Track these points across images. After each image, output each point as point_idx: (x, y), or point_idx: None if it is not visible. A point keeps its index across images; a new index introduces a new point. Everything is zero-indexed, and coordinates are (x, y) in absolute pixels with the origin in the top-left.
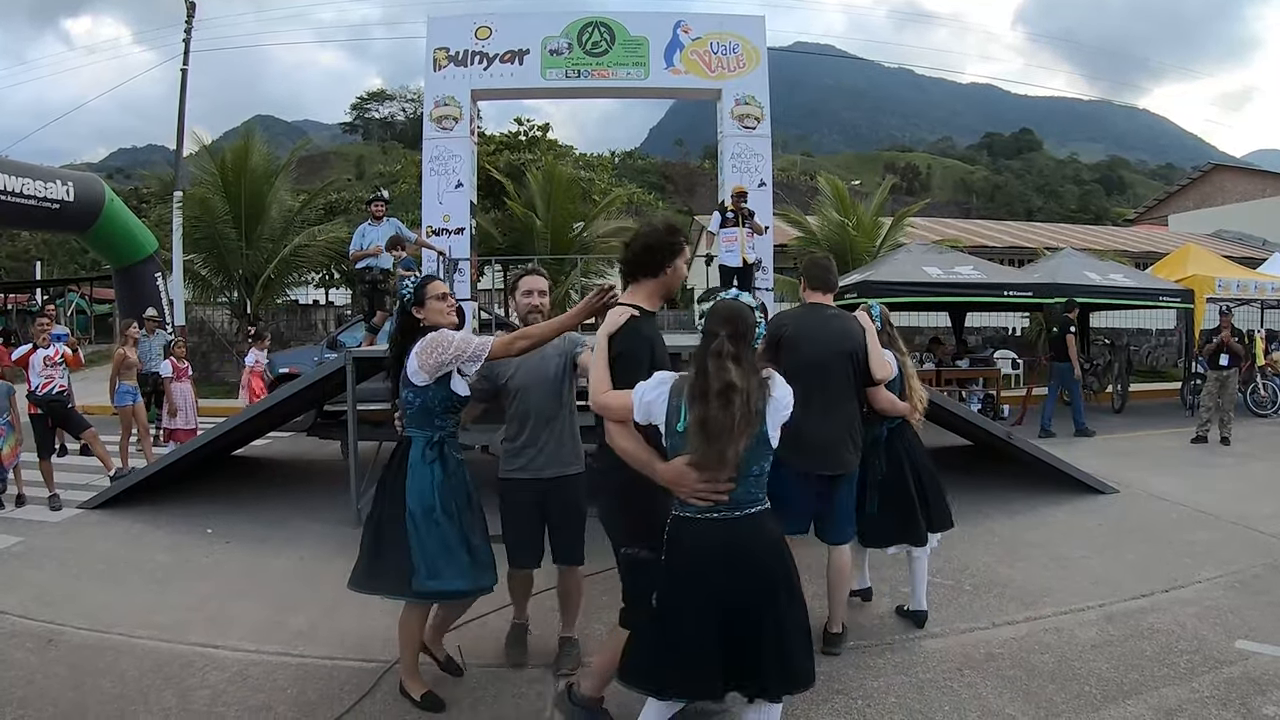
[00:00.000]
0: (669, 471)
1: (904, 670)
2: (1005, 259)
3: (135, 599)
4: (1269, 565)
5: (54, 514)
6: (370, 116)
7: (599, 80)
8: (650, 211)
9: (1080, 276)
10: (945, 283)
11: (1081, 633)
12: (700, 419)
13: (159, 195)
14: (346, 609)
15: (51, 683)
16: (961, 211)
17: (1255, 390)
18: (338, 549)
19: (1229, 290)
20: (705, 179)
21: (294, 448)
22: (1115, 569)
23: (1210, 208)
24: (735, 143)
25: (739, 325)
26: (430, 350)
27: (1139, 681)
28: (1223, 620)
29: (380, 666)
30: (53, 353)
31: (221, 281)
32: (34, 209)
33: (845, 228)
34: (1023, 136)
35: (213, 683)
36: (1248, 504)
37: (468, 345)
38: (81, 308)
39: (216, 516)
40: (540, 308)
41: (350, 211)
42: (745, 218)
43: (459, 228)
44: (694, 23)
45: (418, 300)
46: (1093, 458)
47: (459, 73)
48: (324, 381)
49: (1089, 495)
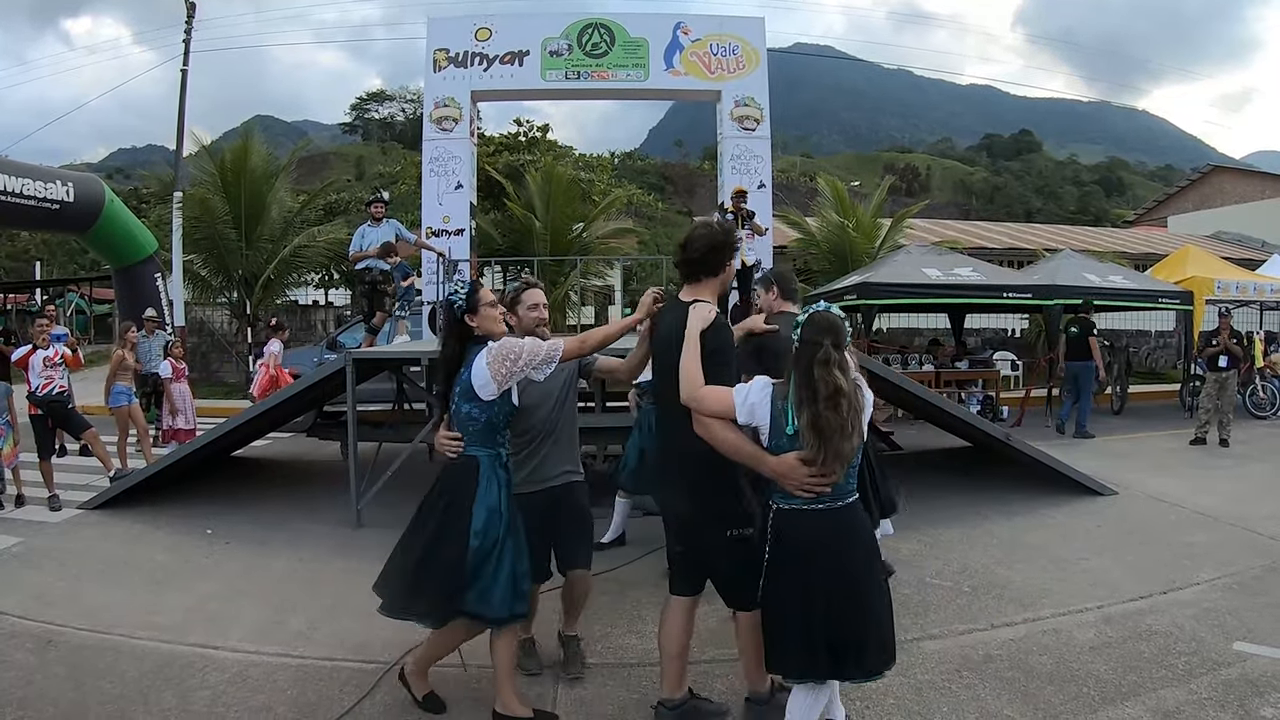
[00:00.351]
0: (781, 465)
1: (902, 672)
2: (1004, 260)
3: (135, 599)
4: (1267, 567)
5: (54, 514)
6: (370, 117)
7: (599, 81)
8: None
9: (1079, 278)
10: (944, 284)
11: (1080, 634)
12: (812, 421)
13: (159, 195)
14: (346, 610)
15: (51, 683)
16: (961, 213)
17: (1254, 392)
18: (337, 550)
19: (1228, 292)
20: (705, 180)
21: (294, 448)
22: (1114, 570)
23: (1209, 209)
24: (735, 144)
25: (839, 335)
26: (502, 359)
27: (1137, 683)
28: (1221, 622)
29: (380, 668)
30: (52, 353)
31: (221, 282)
32: (34, 209)
33: (845, 229)
34: (1022, 138)
35: (213, 683)
36: (1246, 505)
37: (538, 350)
38: (81, 308)
39: (216, 517)
40: (545, 320)
41: (350, 212)
42: (745, 218)
43: (459, 229)
44: (694, 24)
45: (471, 308)
46: (1091, 459)
47: (459, 74)
48: (324, 382)
49: (1088, 497)
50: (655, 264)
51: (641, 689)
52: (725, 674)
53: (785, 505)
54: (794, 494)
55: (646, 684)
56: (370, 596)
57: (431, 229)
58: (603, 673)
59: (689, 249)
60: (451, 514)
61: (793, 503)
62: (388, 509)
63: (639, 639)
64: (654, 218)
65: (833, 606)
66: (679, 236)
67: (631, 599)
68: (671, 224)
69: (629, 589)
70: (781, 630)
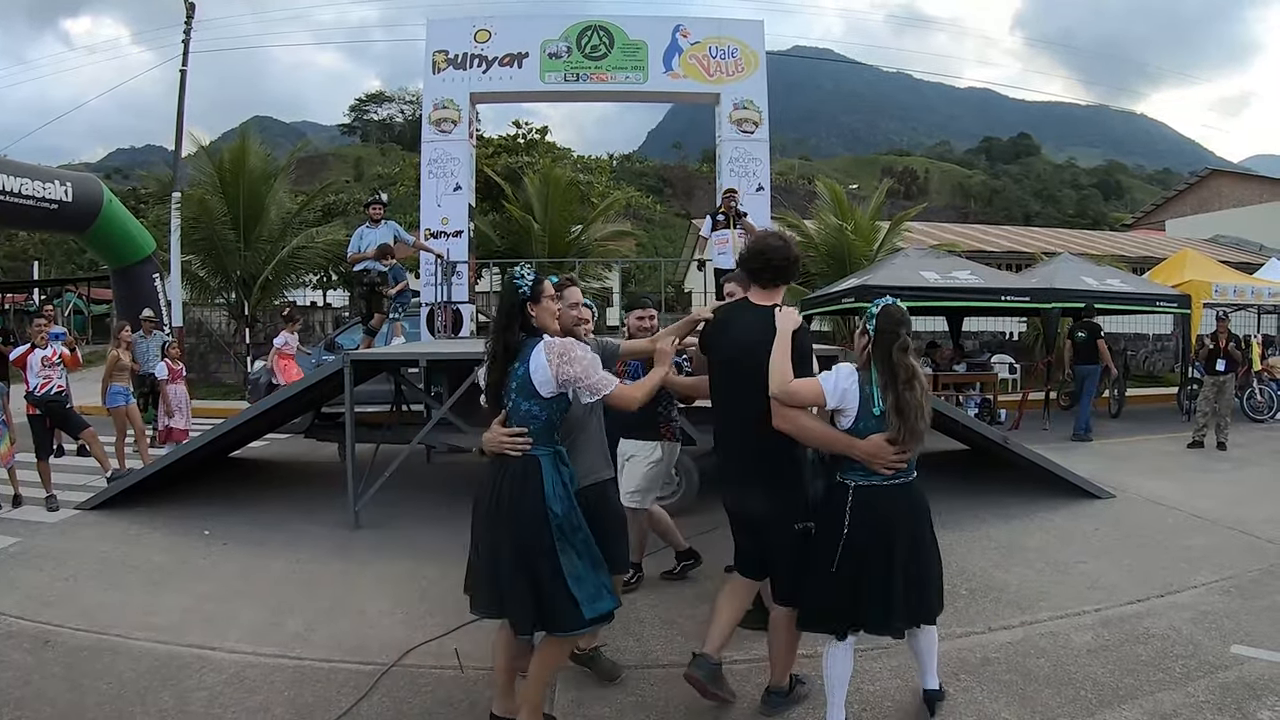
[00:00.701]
0: (870, 446)
1: (900, 675)
2: (1003, 264)
3: (132, 600)
4: (1265, 570)
5: (51, 514)
6: (369, 118)
7: (598, 84)
8: (649, 215)
9: (1077, 281)
10: (942, 287)
11: (1077, 637)
12: (896, 403)
13: (157, 196)
14: (344, 612)
15: (48, 683)
16: (959, 216)
17: (1252, 395)
18: (335, 551)
19: (1226, 295)
20: (703, 182)
21: (291, 450)
22: (1111, 574)
23: (1207, 213)
24: (733, 146)
25: (909, 324)
26: (564, 361)
27: (1135, 686)
28: (1219, 625)
29: (377, 669)
30: (51, 353)
31: (219, 283)
32: (32, 209)
33: (843, 232)
34: (1020, 141)
35: (210, 684)
36: (1244, 509)
37: (592, 374)
38: (79, 308)
39: (214, 518)
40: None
41: (348, 213)
42: (736, 217)
43: (457, 230)
44: (693, 27)
45: (534, 296)
46: (1089, 462)
47: (458, 75)
48: (322, 383)
49: (1085, 500)
50: (654, 266)
51: (639, 692)
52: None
53: (865, 483)
54: (878, 472)
55: (644, 687)
56: (368, 598)
57: (430, 230)
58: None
59: (773, 257)
60: (514, 525)
61: (873, 480)
62: (385, 510)
63: (636, 641)
64: (652, 220)
65: (911, 568)
66: (753, 244)
67: (627, 601)
68: (669, 226)
69: (625, 593)
70: (864, 595)
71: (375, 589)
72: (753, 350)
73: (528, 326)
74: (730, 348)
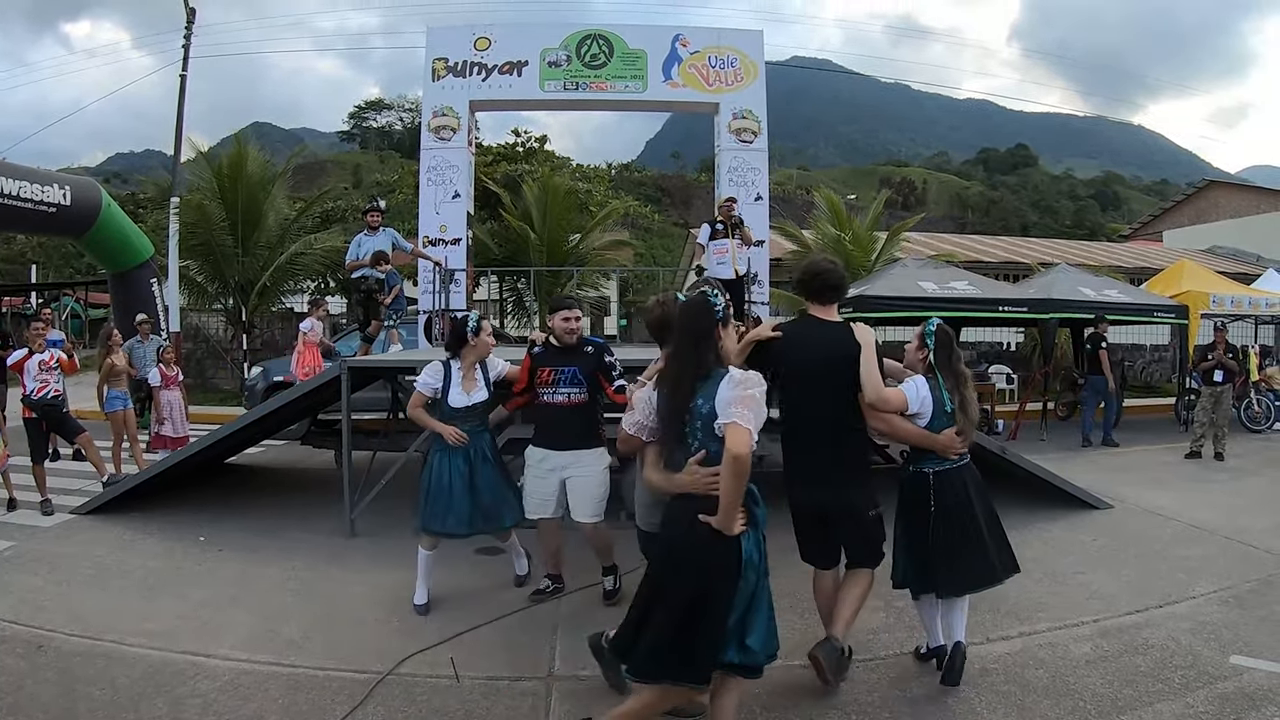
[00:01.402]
0: (944, 438)
1: (898, 685)
2: (1000, 274)
3: (127, 605)
4: (1263, 580)
5: (46, 519)
6: (368, 125)
7: (597, 92)
8: (647, 224)
9: (1075, 292)
10: (940, 298)
11: (1076, 648)
12: (962, 402)
13: (156, 201)
14: (339, 619)
15: (42, 689)
16: (957, 226)
17: (1249, 406)
18: (331, 559)
19: (1223, 306)
20: (701, 192)
21: (287, 456)
22: (1110, 584)
23: (1205, 224)
24: (732, 156)
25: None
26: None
27: (1133, 697)
28: (1217, 636)
29: (372, 678)
30: (48, 357)
31: (217, 288)
32: (30, 212)
33: (841, 242)
34: (1018, 152)
35: (204, 691)
36: (1242, 519)
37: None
38: (76, 312)
39: (209, 524)
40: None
41: (347, 220)
42: (735, 226)
43: (455, 238)
44: (692, 36)
45: (725, 319)
46: (1087, 473)
47: (457, 83)
48: (318, 390)
49: (1084, 510)
50: (651, 275)
51: None
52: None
53: (939, 469)
54: (948, 458)
55: None
56: (363, 605)
57: (428, 238)
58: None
59: (829, 278)
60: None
61: (944, 465)
62: (381, 518)
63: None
64: (650, 229)
65: (985, 532)
66: (808, 267)
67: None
68: (667, 235)
69: (625, 600)
70: (954, 559)
71: (371, 597)
72: (834, 362)
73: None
74: (812, 361)
